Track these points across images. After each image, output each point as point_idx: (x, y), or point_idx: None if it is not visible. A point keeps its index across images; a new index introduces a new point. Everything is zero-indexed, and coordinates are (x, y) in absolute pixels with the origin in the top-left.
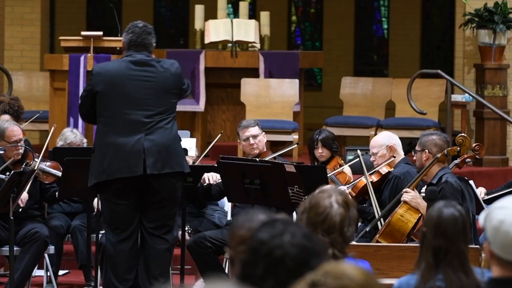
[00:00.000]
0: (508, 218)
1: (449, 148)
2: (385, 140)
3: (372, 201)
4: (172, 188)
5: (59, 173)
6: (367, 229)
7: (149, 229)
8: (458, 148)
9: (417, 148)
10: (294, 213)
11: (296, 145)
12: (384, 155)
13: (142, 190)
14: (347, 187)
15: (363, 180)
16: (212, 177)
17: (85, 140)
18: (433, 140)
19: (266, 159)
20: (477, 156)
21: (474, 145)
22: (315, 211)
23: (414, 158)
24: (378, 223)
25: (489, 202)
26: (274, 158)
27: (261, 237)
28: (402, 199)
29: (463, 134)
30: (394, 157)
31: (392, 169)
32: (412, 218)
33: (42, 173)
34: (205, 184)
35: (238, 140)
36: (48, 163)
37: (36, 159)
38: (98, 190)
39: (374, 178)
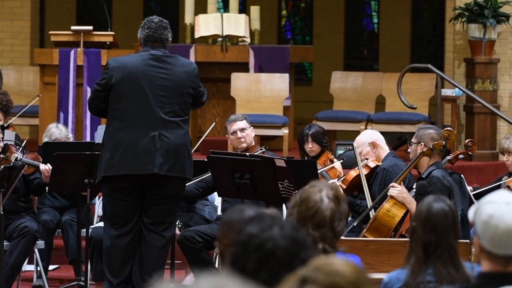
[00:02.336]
0: (497, 212)
1: (435, 142)
2: (367, 138)
3: (365, 192)
4: (178, 188)
5: (39, 163)
6: (355, 224)
7: (148, 225)
8: (444, 142)
9: (413, 140)
10: (284, 208)
11: (264, 149)
12: (368, 152)
13: (146, 186)
14: (337, 180)
15: (352, 173)
16: None
17: (70, 135)
18: (430, 134)
19: (256, 153)
20: (469, 153)
21: (467, 141)
22: (305, 205)
23: (409, 150)
24: (369, 215)
25: (478, 197)
26: (263, 152)
27: (250, 231)
28: (388, 193)
29: (449, 128)
30: (367, 158)
31: (380, 163)
32: (398, 213)
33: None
34: None
35: (227, 135)
36: (28, 155)
37: (15, 153)
38: (103, 183)
39: (364, 171)
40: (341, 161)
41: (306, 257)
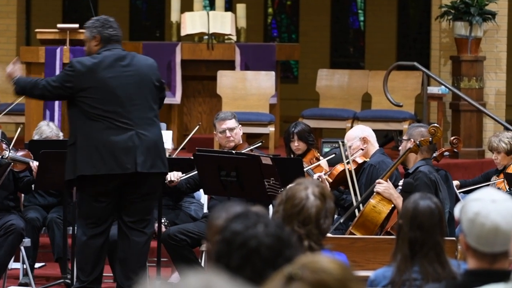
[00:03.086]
0: (483, 210)
1: (421, 139)
2: (358, 133)
3: (350, 188)
4: (156, 184)
5: (30, 160)
6: (341, 221)
7: (129, 223)
8: (430, 138)
9: (404, 137)
10: (271, 206)
11: (260, 143)
12: (358, 146)
13: (124, 185)
14: (324, 174)
15: (338, 168)
16: (173, 175)
17: (61, 134)
18: (420, 131)
19: (243, 151)
20: (455, 150)
21: (452, 138)
22: (291, 202)
23: (400, 148)
24: (355, 212)
25: (466, 194)
26: (251, 150)
27: (234, 228)
28: (375, 190)
29: (435, 124)
30: (362, 149)
31: (368, 159)
32: (384, 209)
33: (14, 162)
34: (166, 182)
35: (214, 132)
36: (20, 153)
37: (6, 150)
38: (80, 184)
39: (352, 166)
40: (332, 155)
41: (290, 255)
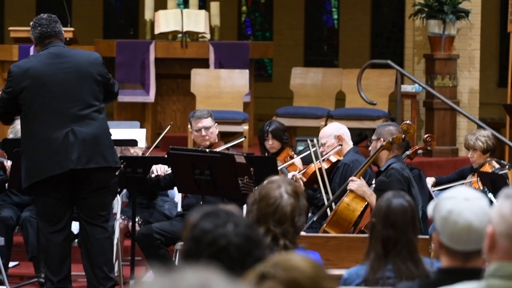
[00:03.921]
0: (456, 208)
1: (394, 136)
2: (333, 130)
3: (320, 186)
4: (103, 179)
5: (3, 159)
6: (314, 219)
7: (86, 219)
8: (403, 136)
9: (373, 137)
10: (245, 205)
11: (243, 138)
12: (333, 144)
13: (72, 182)
14: (298, 173)
15: (313, 167)
16: (160, 169)
17: None
18: (389, 130)
19: (218, 149)
20: (428, 148)
21: (425, 136)
22: (265, 202)
23: (370, 148)
24: (327, 211)
25: (440, 192)
26: (227, 149)
27: (204, 227)
28: (348, 187)
29: (407, 121)
30: (341, 145)
31: (342, 158)
32: (358, 207)
33: None
34: (153, 176)
35: (190, 130)
36: None
37: None
38: (33, 187)
39: (325, 165)
40: (307, 152)
41: (259, 255)
